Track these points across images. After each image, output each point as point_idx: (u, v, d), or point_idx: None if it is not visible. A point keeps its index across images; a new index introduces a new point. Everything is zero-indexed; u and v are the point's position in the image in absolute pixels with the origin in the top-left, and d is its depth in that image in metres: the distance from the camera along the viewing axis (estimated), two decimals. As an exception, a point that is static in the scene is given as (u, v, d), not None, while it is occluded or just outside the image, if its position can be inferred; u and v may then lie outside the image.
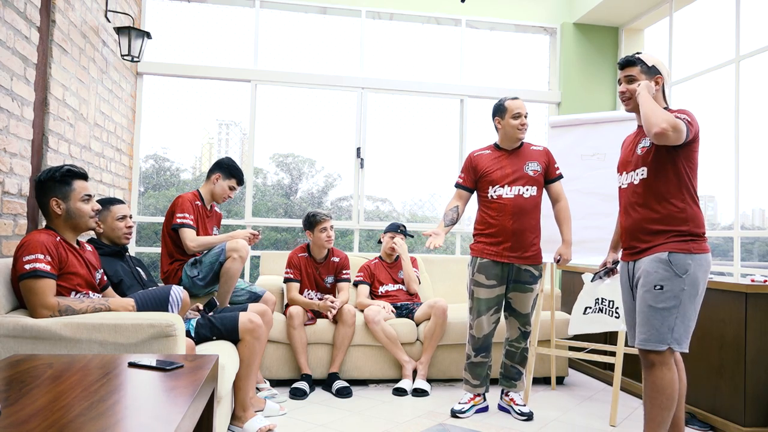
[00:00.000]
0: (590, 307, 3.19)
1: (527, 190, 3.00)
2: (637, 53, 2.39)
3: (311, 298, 3.64)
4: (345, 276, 3.73)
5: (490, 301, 3.03)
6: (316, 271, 3.69)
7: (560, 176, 3.12)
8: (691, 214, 2.24)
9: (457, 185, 3.17)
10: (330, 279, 3.72)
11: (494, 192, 3.02)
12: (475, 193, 3.16)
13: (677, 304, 2.19)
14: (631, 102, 2.36)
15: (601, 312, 3.13)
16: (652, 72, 2.34)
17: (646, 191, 2.30)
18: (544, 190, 3.11)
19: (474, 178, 3.11)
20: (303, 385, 3.34)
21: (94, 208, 2.28)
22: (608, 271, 2.68)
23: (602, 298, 3.14)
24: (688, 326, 2.21)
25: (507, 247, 2.98)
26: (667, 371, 2.20)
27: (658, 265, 2.22)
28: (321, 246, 3.64)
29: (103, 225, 2.68)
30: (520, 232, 2.97)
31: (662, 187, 2.26)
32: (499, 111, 3.10)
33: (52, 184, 2.20)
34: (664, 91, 2.36)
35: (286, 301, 3.68)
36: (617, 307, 3.03)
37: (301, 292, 3.62)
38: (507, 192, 3.00)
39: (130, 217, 2.80)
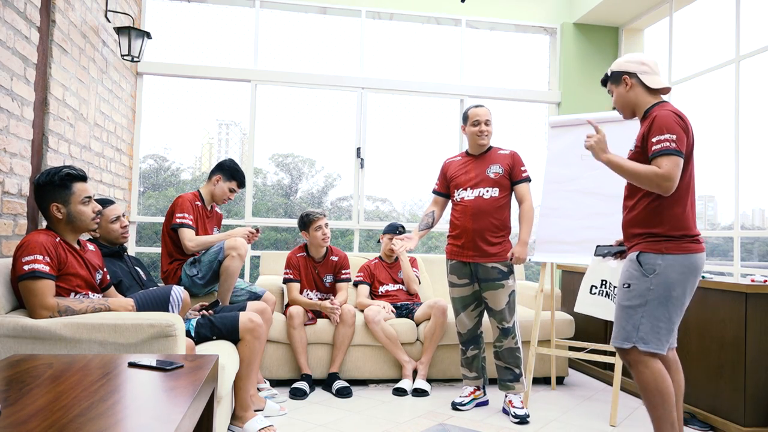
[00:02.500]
0: (596, 287, 3.04)
1: (487, 191, 3.14)
2: (608, 72, 2.40)
3: (310, 299, 3.64)
4: (344, 276, 3.73)
5: (465, 299, 3.21)
6: (315, 270, 3.69)
7: (526, 179, 3.18)
8: (669, 216, 2.17)
9: (433, 191, 3.38)
10: (329, 278, 3.72)
11: (458, 195, 3.21)
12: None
13: (643, 303, 2.17)
14: (621, 112, 2.40)
15: (607, 297, 2.97)
16: (615, 78, 2.34)
17: (630, 193, 2.30)
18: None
19: (446, 183, 3.30)
20: (303, 385, 3.34)
21: (95, 210, 2.28)
22: (617, 252, 2.57)
23: (606, 281, 2.99)
24: (657, 327, 2.15)
25: (469, 247, 3.12)
26: (644, 369, 2.16)
27: (629, 264, 2.24)
28: (318, 245, 3.64)
29: (98, 228, 2.67)
30: (480, 232, 3.10)
31: (642, 190, 2.23)
32: (464, 119, 3.28)
33: (51, 188, 2.18)
34: (643, 82, 2.27)
35: (286, 301, 3.68)
36: (612, 291, 2.96)
37: (300, 292, 3.62)
38: (468, 194, 3.16)
39: (125, 216, 2.79)
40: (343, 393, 3.33)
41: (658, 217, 2.19)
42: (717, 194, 4.34)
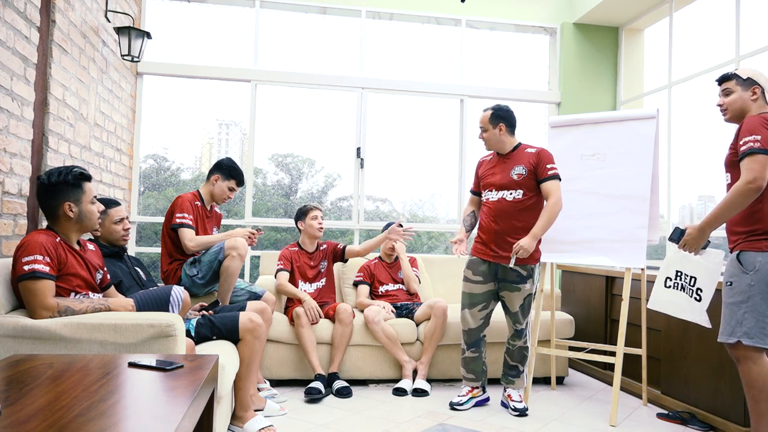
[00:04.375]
0: (670, 279, 2.76)
1: (511, 194, 3.12)
2: (734, 70, 2.48)
3: (305, 291, 3.65)
4: (341, 247, 3.82)
5: (474, 297, 3.18)
6: (310, 261, 3.72)
7: (552, 176, 3.04)
8: (767, 213, 2.27)
9: (471, 191, 3.42)
10: (325, 263, 3.78)
11: (485, 196, 3.23)
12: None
13: (745, 299, 2.26)
14: (727, 113, 2.48)
15: (682, 290, 2.71)
16: (748, 84, 2.43)
17: None
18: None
19: (479, 182, 3.32)
20: (318, 384, 3.30)
21: (99, 210, 2.31)
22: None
23: (681, 273, 2.71)
24: (762, 322, 2.24)
25: (492, 247, 3.13)
26: (752, 364, 2.25)
27: (731, 263, 2.35)
28: (313, 235, 3.71)
29: (100, 228, 2.68)
30: (503, 233, 3.09)
31: None
32: None
33: (64, 188, 2.18)
34: (766, 98, 2.43)
35: (285, 303, 3.68)
36: (699, 288, 2.63)
37: (296, 286, 3.64)
38: (493, 196, 3.17)
39: (127, 219, 2.80)
40: (343, 393, 3.33)
41: (758, 215, 2.29)
42: (717, 194, 4.33)
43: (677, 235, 2.47)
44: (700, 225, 2.41)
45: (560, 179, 3.07)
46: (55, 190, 2.18)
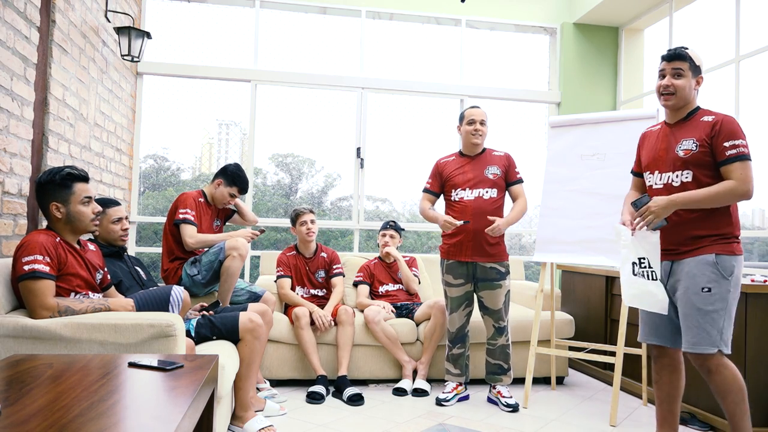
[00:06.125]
0: (636, 264, 2.41)
1: (487, 192, 3.20)
2: (684, 48, 2.29)
3: (302, 296, 3.65)
4: (337, 270, 3.79)
5: (460, 298, 3.27)
6: (306, 267, 3.71)
7: (520, 180, 3.29)
8: (736, 216, 2.25)
9: (426, 190, 3.41)
10: (321, 273, 3.76)
11: (456, 195, 3.25)
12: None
13: (724, 307, 2.18)
14: (672, 98, 2.28)
15: (644, 277, 2.38)
16: (697, 72, 2.29)
17: None
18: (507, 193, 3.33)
19: (440, 183, 3.35)
20: (320, 388, 3.27)
21: (95, 211, 2.27)
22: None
23: (642, 259, 2.37)
24: (731, 328, 2.21)
25: (469, 247, 3.17)
26: (725, 370, 2.17)
27: (704, 267, 2.20)
28: (304, 240, 3.69)
29: (99, 228, 2.67)
30: (481, 232, 3.13)
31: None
32: (460, 119, 3.38)
33: (51, 187, 2.18)
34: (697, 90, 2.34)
35: (285, 303, 3.68)
36: (653, 270, 2.33)
37: (292, 289, 3.63)
38: (468, 194, 3.21)
39: (127, 219, 2.79)
40: (354, 400, 3.19)
41: (728, 218, 2.22)
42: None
43: (645, 202, 2.27)
44: (671, 197, 2.20)
45: (523, 182, 3.30)
46: (44, 189, 2.18)
